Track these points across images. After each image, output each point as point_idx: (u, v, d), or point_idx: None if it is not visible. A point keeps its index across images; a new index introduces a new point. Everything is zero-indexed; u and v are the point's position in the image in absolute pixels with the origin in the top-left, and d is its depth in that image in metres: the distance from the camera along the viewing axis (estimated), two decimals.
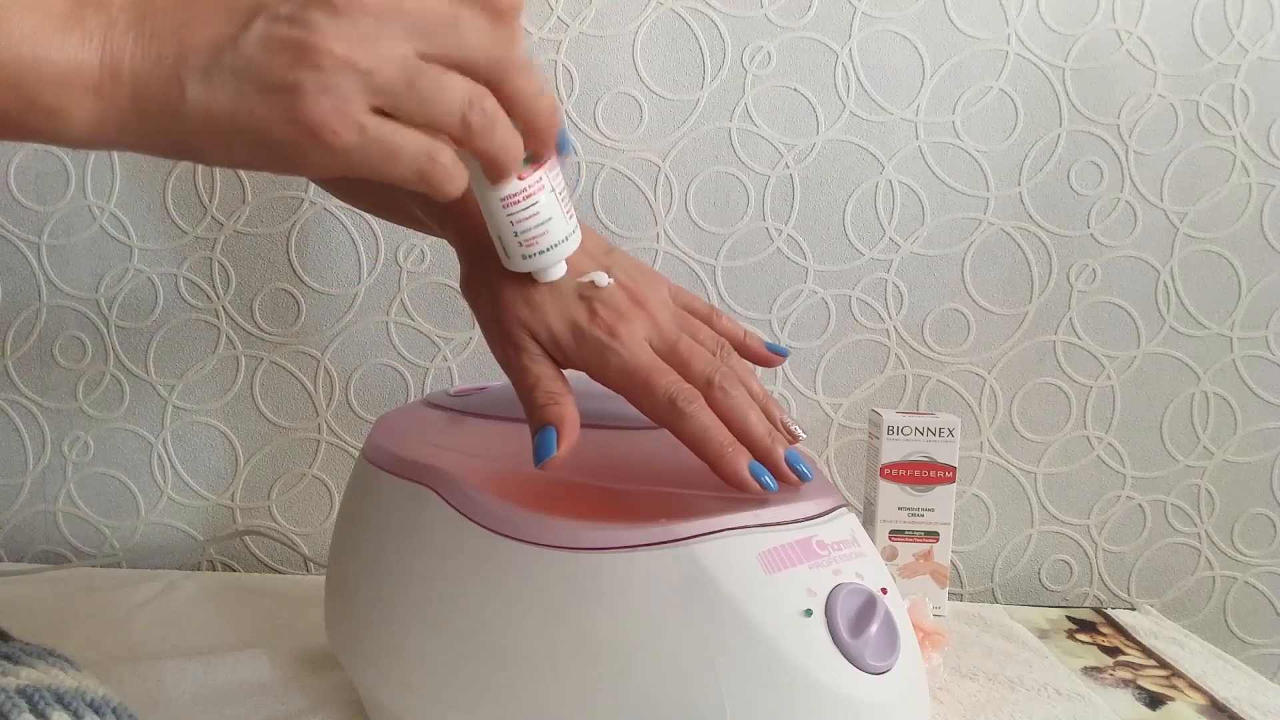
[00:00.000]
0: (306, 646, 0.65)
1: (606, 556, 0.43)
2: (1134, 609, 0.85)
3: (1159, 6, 0.83)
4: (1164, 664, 0.70)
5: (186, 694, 0.57)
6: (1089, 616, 0.81)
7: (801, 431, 0.49)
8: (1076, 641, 0.74)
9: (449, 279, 0.84)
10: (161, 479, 0.86)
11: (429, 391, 0.84)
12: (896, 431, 0.76)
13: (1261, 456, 0.87)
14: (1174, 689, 0.65)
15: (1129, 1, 0.83)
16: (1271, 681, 0.68)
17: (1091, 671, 0.68)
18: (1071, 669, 0.68)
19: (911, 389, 0.87)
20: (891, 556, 0.76)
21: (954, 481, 0.76)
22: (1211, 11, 0.83)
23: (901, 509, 0.76)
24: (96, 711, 0.36)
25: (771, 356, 0.53)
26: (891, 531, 0.76)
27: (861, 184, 0.84)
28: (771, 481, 0.45)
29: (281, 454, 0.86)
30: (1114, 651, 0.73)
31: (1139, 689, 0.65)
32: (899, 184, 0.84)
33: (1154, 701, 0.63)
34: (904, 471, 0.76)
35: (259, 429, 0.86)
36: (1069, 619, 0.80)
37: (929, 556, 0.76)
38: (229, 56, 0.33)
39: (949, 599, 0.78)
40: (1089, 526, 0.88)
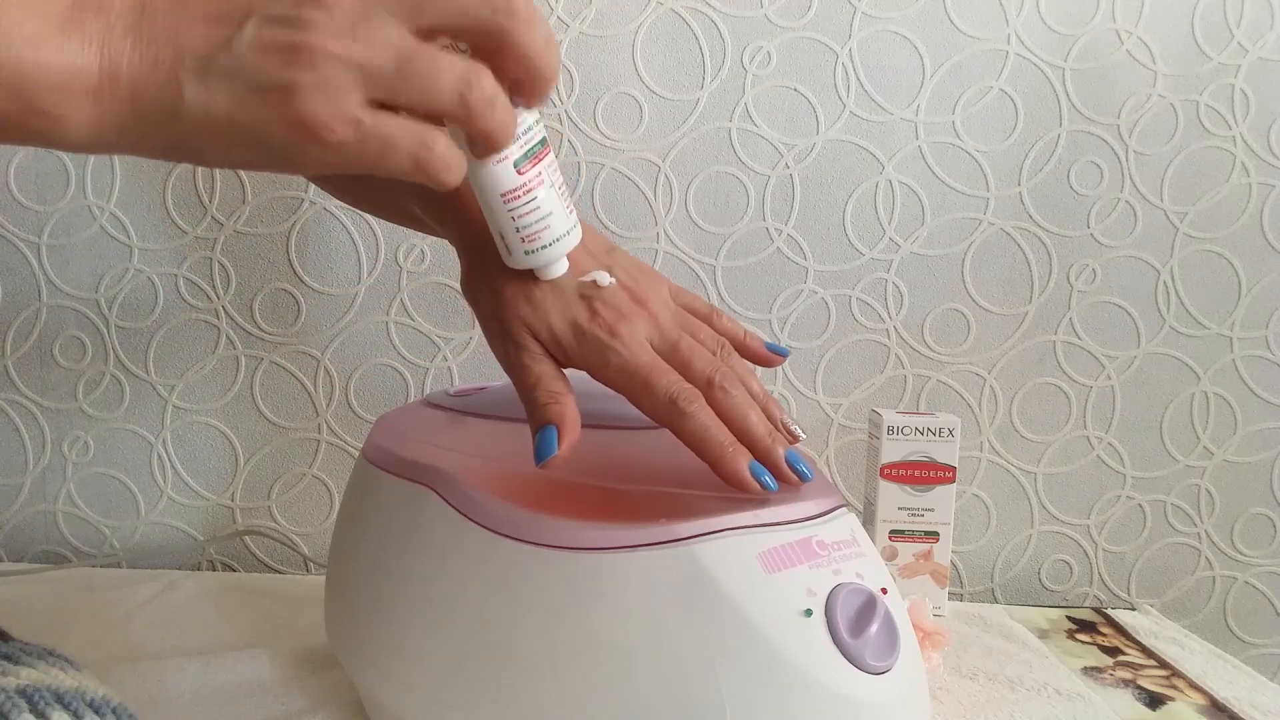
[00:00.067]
0: (306, 646, 0.65)
1: (606, 556, 0.43)
2: (1134, 609, 0.85)
3: (1159, 6, 0.83)
4: (1164, 664, 0.70)
5: (186, 694, 0.57)
6: (1089, 616, 0.81)
7: (801, 431, 0.50)
8: (1076, 641, 0.74)
9: (449, 279, 0.84)
10: (161, 479, 0.86)
11: (429, 391, 0.84)
12: (896, 431, 0.76)
13: (1261, 456, 0.87)
14: (1174, 689, 0.65)
15: (1129, 1, 0.83)
16: (1271, 681, 0.68)
17: (1091, 671, 0.68)
18: (1071, 669, 0.68)
19: (911, 389, 0.86)
20: (891, 556, 0.76)
21: (954, 481, 0.76)
22: (1211, 11, 0.83)
23: (901, 509, 0.76)
24: (96, 711, 0.36)
25: (771, 356, 0.53)
26: (891, 531, 0.76)
27: (861, 184, 0.84)
28: (771, 481, 0.45)
29: (281, 454, 0.86)
30: (1114, 651, 0.73)
31: (1139, 689, 0.65)
32: (899, 184, 0.84)
33: (1154, 701, 0.63)
34: (904, 471, 0.76)
35: (259, 429, 0.86)
36: (1069, 619, 0.80)
37: (929, 556, 0.76)
38: (224, 58, 0.33)
39: (949, 599, 0.78)
40: (1089, 526, 0.88)
